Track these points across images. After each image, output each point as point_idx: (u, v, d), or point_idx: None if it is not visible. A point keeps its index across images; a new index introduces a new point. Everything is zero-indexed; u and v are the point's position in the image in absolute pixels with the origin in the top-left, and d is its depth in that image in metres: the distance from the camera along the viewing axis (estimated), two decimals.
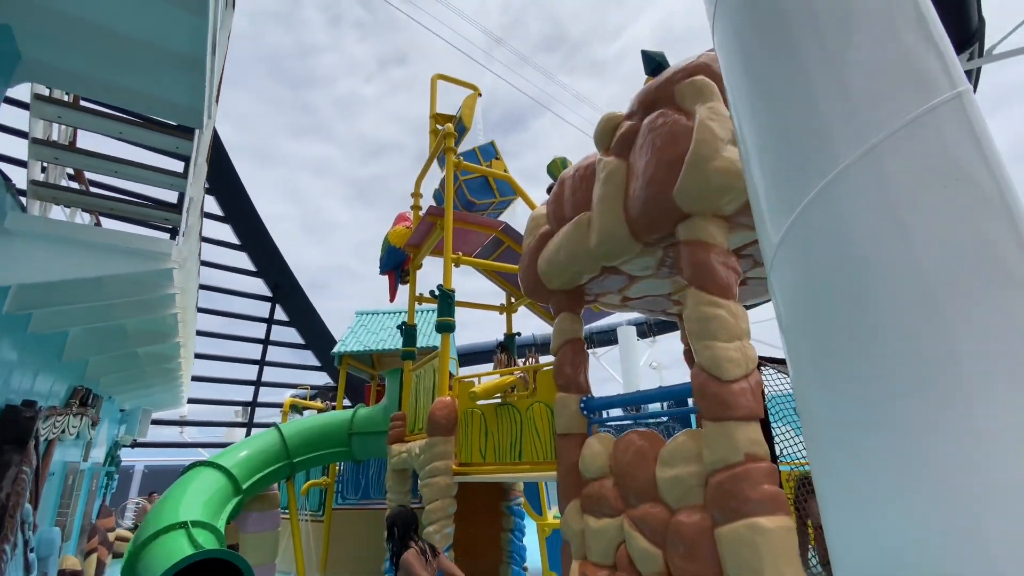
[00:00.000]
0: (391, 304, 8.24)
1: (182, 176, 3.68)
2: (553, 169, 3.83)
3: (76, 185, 4.56)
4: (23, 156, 3.48)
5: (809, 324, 1.12)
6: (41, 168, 3.69)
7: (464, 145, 6.46)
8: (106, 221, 5.19)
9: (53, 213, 4.16)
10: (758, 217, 1.32)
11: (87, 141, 3.75)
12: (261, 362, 17.65)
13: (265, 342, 17.85)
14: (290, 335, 18.76)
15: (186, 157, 3.65)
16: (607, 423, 3.33)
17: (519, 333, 7.43)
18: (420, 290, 6.69)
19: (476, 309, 7.27)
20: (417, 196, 7.21)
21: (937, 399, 0.89)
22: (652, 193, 2.58)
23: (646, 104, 2.79)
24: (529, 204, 6.53)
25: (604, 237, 2.93)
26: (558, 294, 3.57)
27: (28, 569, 3.99)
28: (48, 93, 3.15)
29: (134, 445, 11.54)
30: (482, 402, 4.42)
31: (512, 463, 4.06)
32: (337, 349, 8.99)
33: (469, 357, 19.46)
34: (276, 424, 6.67)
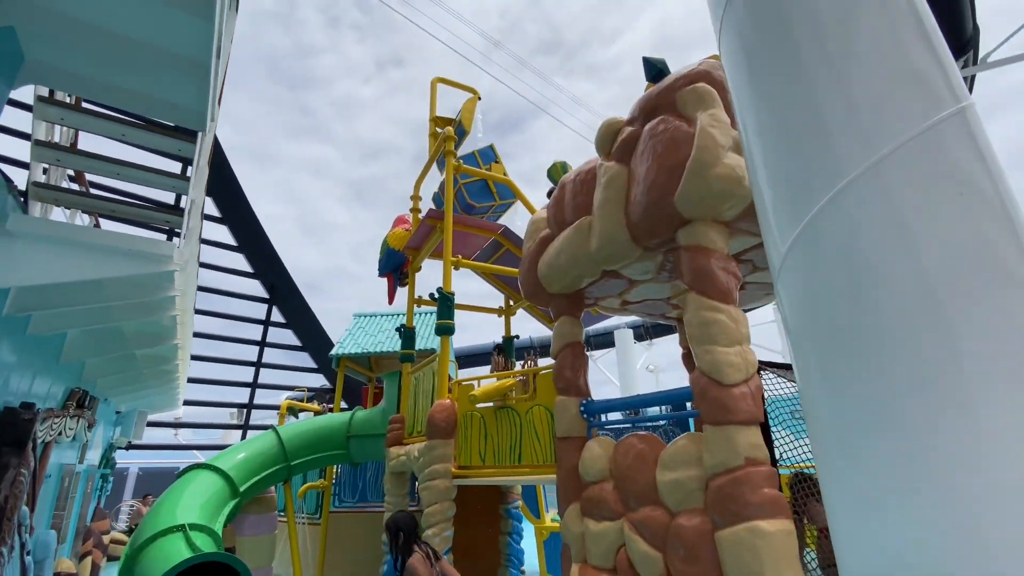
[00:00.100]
0: (389, 306, 8.23)
1: (184, 178, 3.68)
2: (553, 173, 3.85)
3: (77, 187, 4.56)
4: (24, 157, 3.48)
5: (816, 330, 1.14)
6: (43, 170, 3.69)
7: (463, 148, 6.47)
8: (105, 223, 5.18)
9: (53, 215, 4.15)
10: (765, 225, 1.34)
11: (88, 143, 3.76)
12: (257, 364, 17.57)
13: (262, 344, 17.77)
14: (287, 337, 18.70)
15: (188, 159, 3.65)
16: (607, 426, 3.34)
17: (517, 336, 7.44)
18: (419, 292, 6.69)
19: (474, 312, 7.29)
20: (416, 199, 7.21)
21: (938, 401, 0.91)
22: (653, 198, 2.60)
23: (647, 110, 2.82)
24: (528, 207, 6.55)
25: (605, 241, 2.95)
26: (558, 298, 3.58)
27: (24, 572, 3.96)
28: (49, 94, 3.15)
29: (129, 447, 11.48)
30: (481, 405, 4.43)
31: (512, 466, 4.06)
32: (335, 351, 8.97)
33: (467, 359, 19.47)
34: (273, 426, 6.65)
